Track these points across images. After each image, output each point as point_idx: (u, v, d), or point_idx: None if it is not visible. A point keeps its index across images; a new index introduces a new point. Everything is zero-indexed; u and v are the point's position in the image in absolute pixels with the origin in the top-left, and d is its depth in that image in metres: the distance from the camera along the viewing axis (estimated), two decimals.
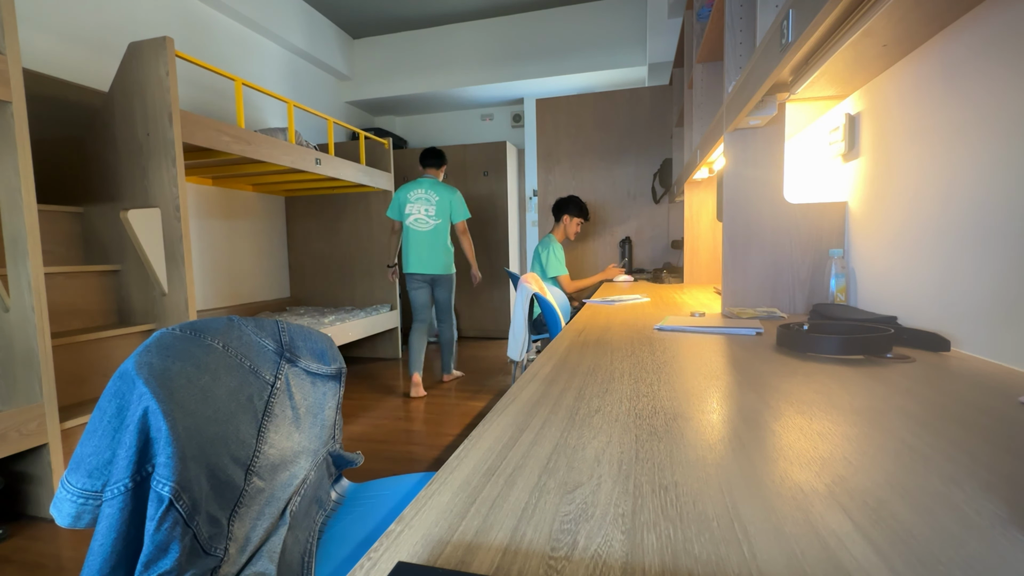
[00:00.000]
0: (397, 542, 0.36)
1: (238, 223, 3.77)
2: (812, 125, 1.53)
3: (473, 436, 0.55)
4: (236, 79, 2.54)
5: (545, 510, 0.39)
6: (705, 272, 2.62)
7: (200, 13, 3.48)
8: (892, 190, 1.10)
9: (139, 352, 0.58)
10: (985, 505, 0.38)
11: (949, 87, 0.90)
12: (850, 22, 0.80)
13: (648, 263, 3.49)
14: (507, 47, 4.64)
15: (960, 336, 0.88)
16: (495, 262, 5.02)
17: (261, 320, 0.77)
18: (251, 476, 0.69)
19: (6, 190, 1.63)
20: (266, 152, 2.66)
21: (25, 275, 1.65)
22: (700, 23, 2.02)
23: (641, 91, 3.46)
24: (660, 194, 3.39)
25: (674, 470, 0.45)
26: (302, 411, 0.78)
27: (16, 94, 1.61)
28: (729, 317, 1.31)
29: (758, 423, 0.56)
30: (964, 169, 0.87)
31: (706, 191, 2.59)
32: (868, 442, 0.50)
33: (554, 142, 3.67)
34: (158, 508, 0.53)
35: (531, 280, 1.90)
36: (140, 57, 2.06)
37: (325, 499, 0.80)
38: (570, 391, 0.71)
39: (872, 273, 1.20)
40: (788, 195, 1.60)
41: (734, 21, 1.39)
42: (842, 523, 0.36)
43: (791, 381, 0.72)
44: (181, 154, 2.07)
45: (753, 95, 1.11)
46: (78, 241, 2.32)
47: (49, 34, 2.57)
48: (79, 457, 0.54)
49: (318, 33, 4.53)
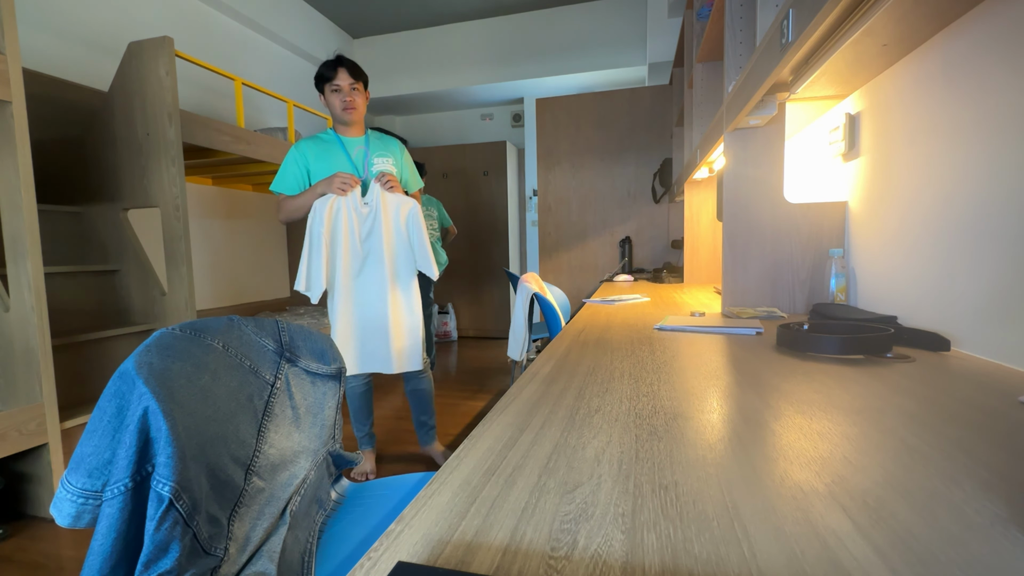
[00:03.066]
0: (397, 542, 0.36)
1: (238, 223, 3.77)
2: (812, 125, 1.53)
3: (473, 436, 0.55)
4: (236, 79, 2.54)
5: (545, 510, 0.39)
6: (705, 272, 2.62)
7: (200, 13, 3.48)
8: (892, 190, 1.10)
9: (139, 352, 0.58)
10: (985, 505, 0.38)
11: (949, 87, 0.90)
12: (850, 22, 0.80)
13: (648, 263, 3.49)
14: (507, 47, 4.64)
15: (960, 336, 0.88)
16: (495, 262, 5.01)
17: (261, 320, 0.77)
18: (251, 476, 0.69)
19: (6, 190, 1.63)
20: (266, 152, 2.66)
21: (25, 275, 1.65)
22: (700, 23, 2.02)
23: (641, 91, 3.46)
24: (660, 194, 3.39)
25: (674, 470, 0.45)
26: (302, 411, 0.78)
27: (16, 94, 1.61)
28: (729, 317, 1.31)
29: (758, 423, 0.56)
30: (964, 169, 0.87)
31: (706, 191, 2.59)
32: (868, 442, 0.50)
33: (554, 142, 3.67)
34: (158, 508, 0.53)
35: (531, 280, 1.90)
36: (140, 57, 2.06)
37: (325, 499, 0.80)
38: (570, 391, 0.71)
39: (872, 273, 1.20)
40: (788, 195, 1.60)
41: (734, 21, 1.39)
42: (842, 523, 0.36)
43: (791, 381, 0.72)
44: (181, 154, 2.07)
45: (753, 95, 1.11)
46: (78, 241, 2.32)
47: (49, 34, 2.57)
48: (79, 457, 0.54)
49: (318, 33, 4.53)
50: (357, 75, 1.78)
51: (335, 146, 1.82)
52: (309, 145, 1.81)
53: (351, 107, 1.77)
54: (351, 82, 1.76)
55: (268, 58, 4.11)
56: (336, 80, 1.74)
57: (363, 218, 1.78)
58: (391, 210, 1.81)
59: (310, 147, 1.80)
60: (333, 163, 1.80)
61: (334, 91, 1.76)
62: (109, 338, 2.10)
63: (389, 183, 1.78)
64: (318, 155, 1.80)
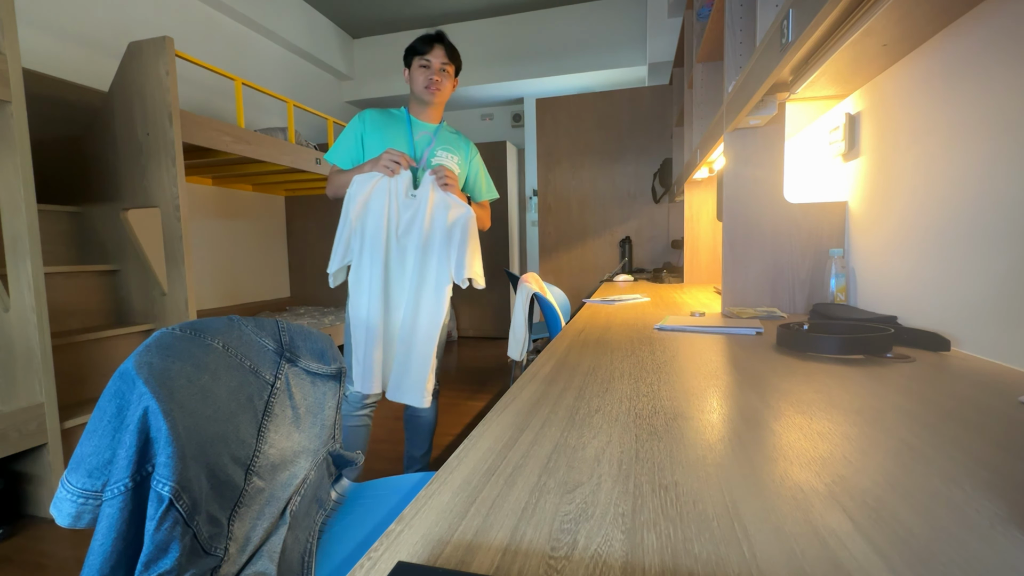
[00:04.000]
0: (397, 542, 0.36)
1: (238, 223, 3.77)
2: (812, 125, 1.53)
3: (473, 436, 0.55)
4: (236, 79, 2.54)
5: (545, 510, 0.39)
6: (705, 272, 2.61)
7: (200, 13, 3.48)
8: (892, 190, 1.10)
9: (139, 352, 0.58)
10: (985, 505, 0.38)
11: (949, 87, 0.90)
12: (850, 22, 0.80)
13: (648, 263, 3.49)
14: (507, 47, 4.64)
15: (960, 336, 0.88)
16: (495, 262, 5.02)
17: (261, 320, 0.77)
18: (251, 476, 0.69)
19: (6, 190, 1.63)
20: (266, 152, 2.66)
21: (25, 275, 1.65)
22: (700, 23, 2.02)
23: (641, 91, 3.46)
24: (660, 194, 3.39)
25: (674, 470, 0.45)
26: (302, 411, 0.78)
27: (16, 94, 1.61)
28: (729, 317, 1.31)
29: (758, 423, 0.56)
30: (964, 169, 0.87)
31: (706, 191, 2.59)
32: (868, 442, 0.50)
33: (554, 142, 3.67)
34: (158, 508, 0.53)
35: (531, 280, 1.90)
36: (140, 57, 2.06)
37: (325, 499, 0.80)
38: (570, 391, 0.71)
39: (872, 273, 1.20)
40: (788, 195, 1.60)
41: (734, 21, 1.39)
42: (842, 523, 0.36)
43: (791, 381, 0.72)
44: (181, 154, 2.07)
45: (753, 95, 1.11)
46: (78, 241, 2.32)
47: (49, 34, 2.57)
48: (79, 457, 0.54)
49: (318, 33, 4.53)
50: (453, 57, 1.60)
51: (400, 123, 1.61)
52: (373, 115, 1.60)
53: (436, 88, 1.57)
54: (444, 62, 1.57)
55: (268, 58, 4.11)
56: (429, 55, 1.55)
57: (405, 208, 1.52)
58: (439, 210, 1.52)
59: (373, 117, 1.59)
60: (390, 139, 1.57)
61: (423, 66, 1.56)
62: (109, 338, 2.10)
63: (445, 179, 1.51)
64: (377, 126, 1.58)
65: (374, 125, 1.58)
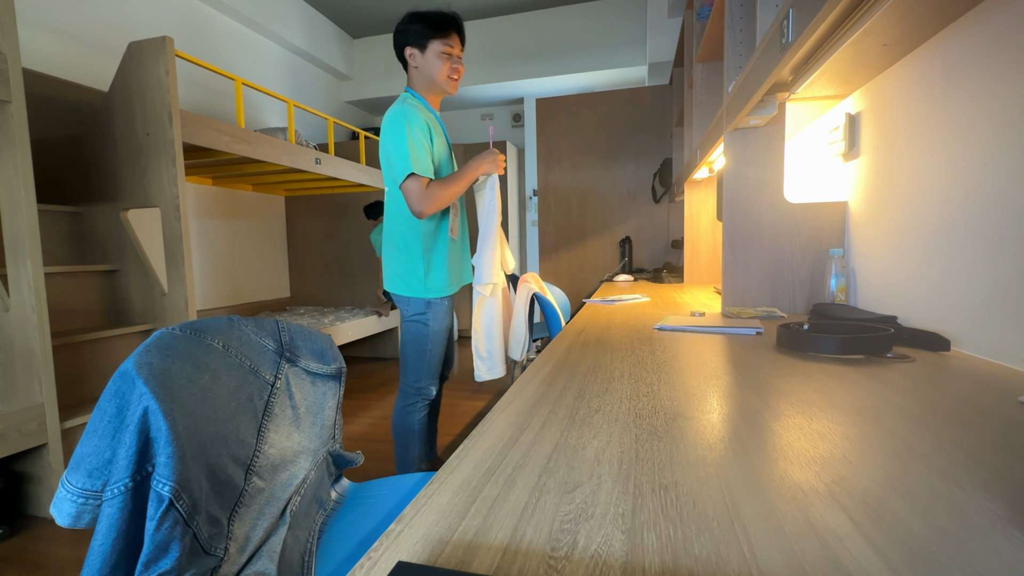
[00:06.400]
0: (397, 542, 0.36)
1: (238, 223, 3.77)
2: (812, 125, 1.53)
3: (473, 436, 0.55)
4: (236, 79, 2.53)
5: (545, 510, 0.39)
6: (705, 272, 2.61)
7: (200, 13, 3.48)
8: (892, 190, 1.10)
9: (139, 352, 0.58)
10: (985, 505, 0.38)
11: (950, 86, 0.90)
12: (850, 21, 0.80)
13: (648, 263, 3.49)
14: (507, 47, 4.64)
15: (960, 336, 0.88)
16: None
17: (261, 320, 0.77)
18: (251, 476, 0.69)
19: (6, 190, 1.63)
20: (266, 152, 2.66)
21: (25, 275, 1.65)
22: (700, 23, 2.02)
23: (641, 91, 3.46)
24: (660, 194, 3.39)
25: (674, 470, 0.45)
26: (302, 411, 0.78)
27: (16, 94, 1.61)
28: (729, 317, 1.31)
29: (758, 423, 0.56)
30: (964, 169, 0.87)
31: (706, 191, 2.59)
32: (868, 442, 0.50)
33: (554, 142, 3.66)
34: (158, 508, 0.53)
35: (531, 280, 1.90)
36: (140, 57, 2.06)
37: (325, 499, 0.80)
38: (570, 391, 0.71)
39: (872, 273, 1.20)
40: (788, 195, 1.60)
41: (734, 21, 1.38)
42: (842, 523, 0.36)
43: (791, 381, 0.72)
44: (181, 154, 2.06)
45: (753, 95, 1.11)
46: (78, 241, 2.32)
47: (49, 34, 2.57)
48: (79, 457, 0.54)
49: (318, 33, 4.53)
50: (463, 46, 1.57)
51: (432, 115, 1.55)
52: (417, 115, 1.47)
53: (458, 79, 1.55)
54: (460, 50, 1.54)
55: (268, 58, 4.11)
56: (450, 41, 1.49)
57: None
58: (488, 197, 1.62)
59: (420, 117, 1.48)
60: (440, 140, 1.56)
61: (446, 54, 1.49)
62: (109, 338, 2.10)
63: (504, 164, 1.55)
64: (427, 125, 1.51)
65: (427, 125, 1.51)
